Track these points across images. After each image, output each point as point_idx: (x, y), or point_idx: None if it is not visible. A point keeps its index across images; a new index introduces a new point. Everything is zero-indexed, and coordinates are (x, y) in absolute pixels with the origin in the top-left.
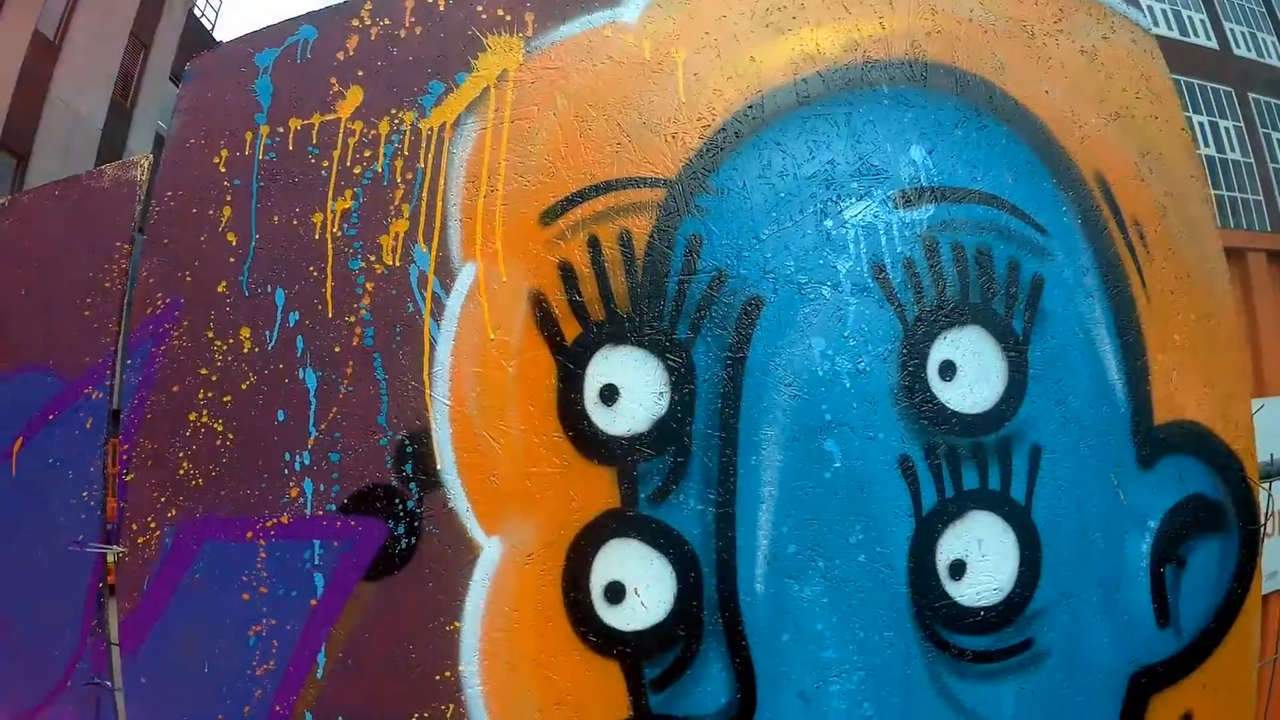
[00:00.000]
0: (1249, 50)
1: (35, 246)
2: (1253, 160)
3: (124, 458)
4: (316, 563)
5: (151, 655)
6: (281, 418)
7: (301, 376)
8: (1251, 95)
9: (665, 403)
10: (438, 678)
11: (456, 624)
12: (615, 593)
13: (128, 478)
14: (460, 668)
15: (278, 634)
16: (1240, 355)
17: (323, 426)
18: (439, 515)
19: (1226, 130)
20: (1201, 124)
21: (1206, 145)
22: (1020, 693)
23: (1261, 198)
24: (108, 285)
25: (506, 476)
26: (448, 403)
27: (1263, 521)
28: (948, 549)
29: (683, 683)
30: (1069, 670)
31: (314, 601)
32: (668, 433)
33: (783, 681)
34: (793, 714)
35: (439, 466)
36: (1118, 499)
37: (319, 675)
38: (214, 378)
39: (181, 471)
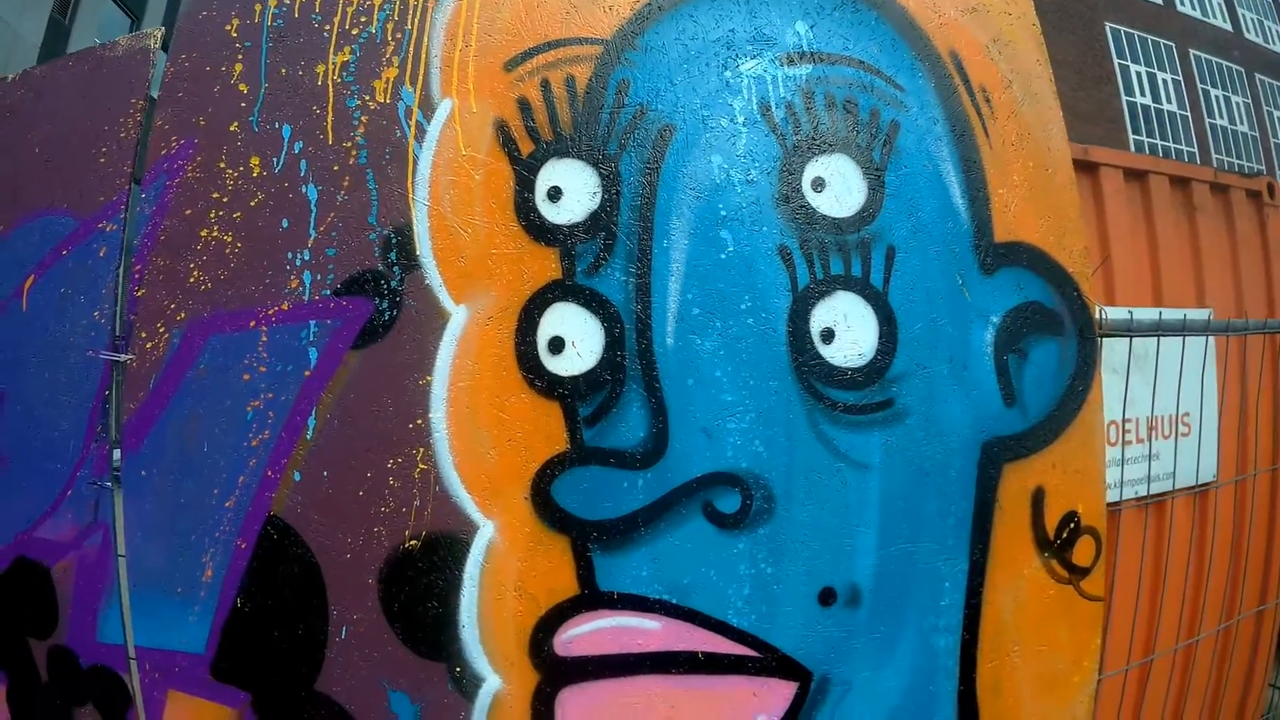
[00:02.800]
0: (1193, 9)
1: (49, 112)
2: (1189, 114)
3: (136, 276)
4: (311, 339)
5: (154, 449)
6: (285, 225)
7: (304, 191)
8: (1192, 51)
9: (598, 200)
10: (410, 426)
11: (428, 378)
12: (557, 345)
13: (139, 293)
14: (430, 415)
15: (273, 406)
16: (1073, 197)
17: (321, 229)
18: (417, 291)
19: (1164, 82)
20: (1139, 73)
21: (1144, 95)
22: (886, 443)
23: (1196, 150)
24: (123, 135)
25: (472, 258)
26: (427, 203)
27: (1099, 332)
28: (819, 319)
29: (610, 419)
30: (927, 430)
31: (307, 373)
32: (599, 222)
33: (690, 419)
34: (699, 447)
35: (418, 252)
36: (963, 296)
37: (309, 437)
38: (225, 199)
39: (192, 280)
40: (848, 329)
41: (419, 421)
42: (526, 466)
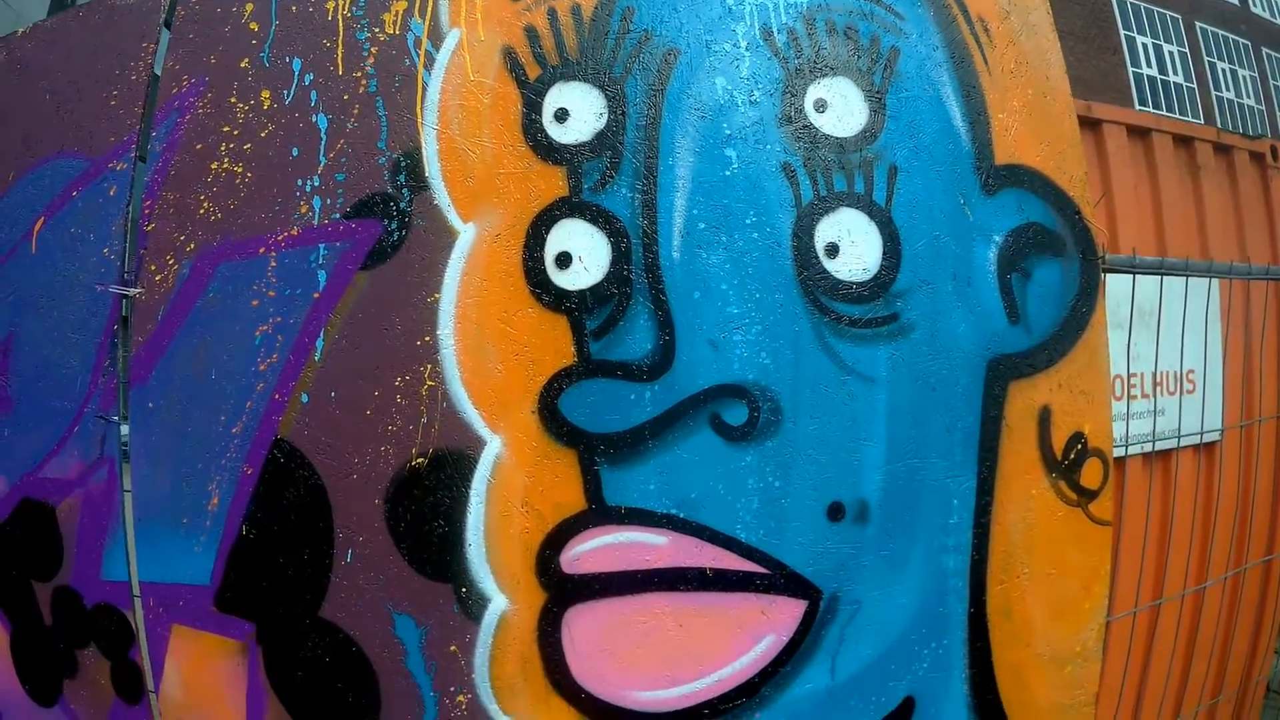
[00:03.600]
0: None
1: (60, 61)
2: (1195, 86)
3: (146, 212)
4: (320, 262)
5: (161, 379)
6: (295, 153)
7: (314, 120)
8: (1199, 24)
9: (604, 121)
10: (418, 343)
11: (436, 295)
12: (564, 260)
13: (149, 228)
14: (438, 332)
15: (282, 329)
16: (1072, 124)
17: (331, 155)
18: (425, 211)
19: (1171, 54)
20: (1146, 45)
21: (1150, 66)
22: (892, 357)
23: (1202, 122)
24: (133, 78)
25: (480, 178)
26: (435, 127)
27: (1102, 266)
28: (823, 234)
29: (617, 332)
30: (932, 345)
31: (316, 294)
32: (605, 142)
33: (697, 332)
34: (706, 359)
35: (427, 174)
36: (965, 215)
37: (316, 359)
38: (235, 132)
39: (201, 211)
40: (852, 244)
41: (427, 338)
42: (533, 380)
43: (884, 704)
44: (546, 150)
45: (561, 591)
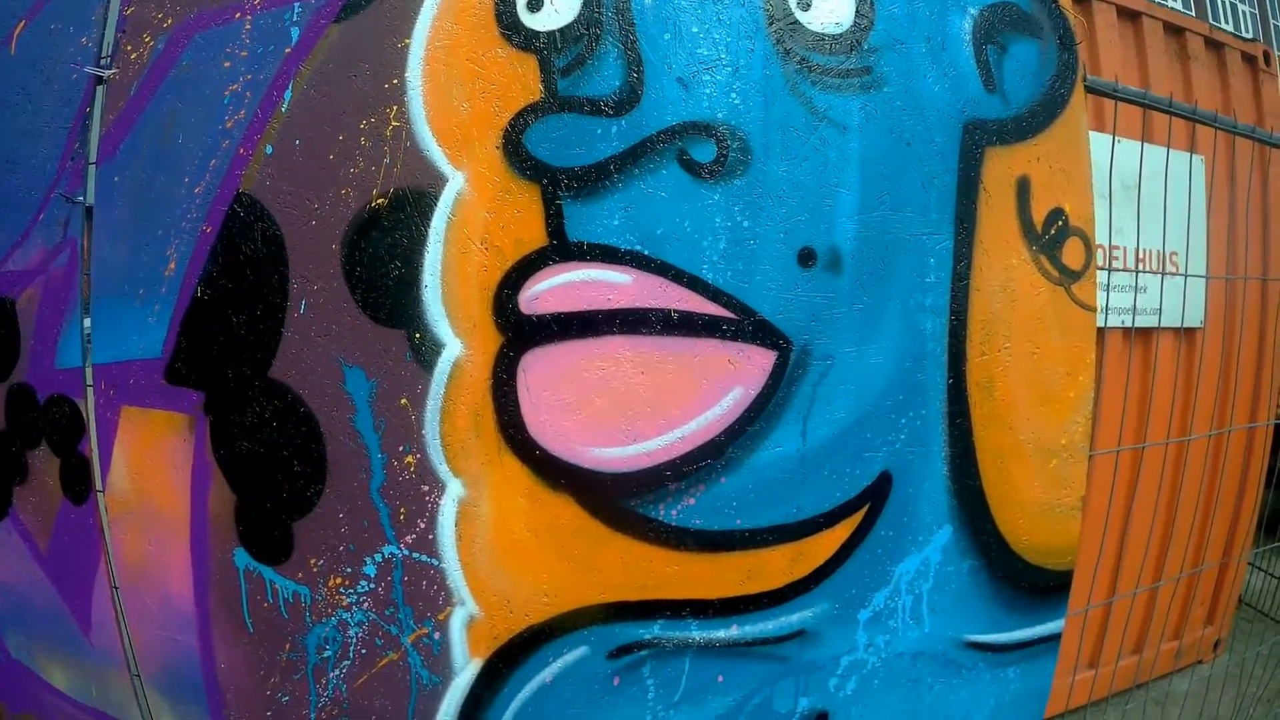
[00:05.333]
0: None
1: None
2: None
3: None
4: (295, 19)
5: (128, 152)
6: None
7: None
8: None
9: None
10: (386, 85)
11: (407, 40)
12: (535, 3)
13: (128, 11)
14: (405, 74)
15: (251, 85)
16: None
17: None
18: None
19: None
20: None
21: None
22: (865, 107)
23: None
24: None
25: None
26: None
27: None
28: None
29: (586, 70)
30: (906, 101)
31: (288, 49)
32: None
33: (666, 70)
34: (675, 96)
35: None
36: None
37: (284, 109)
38: None
39: None
40: None
41: (394, 80)
42: (499, 115)
43: (859, 477)
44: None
45: (519, 334)
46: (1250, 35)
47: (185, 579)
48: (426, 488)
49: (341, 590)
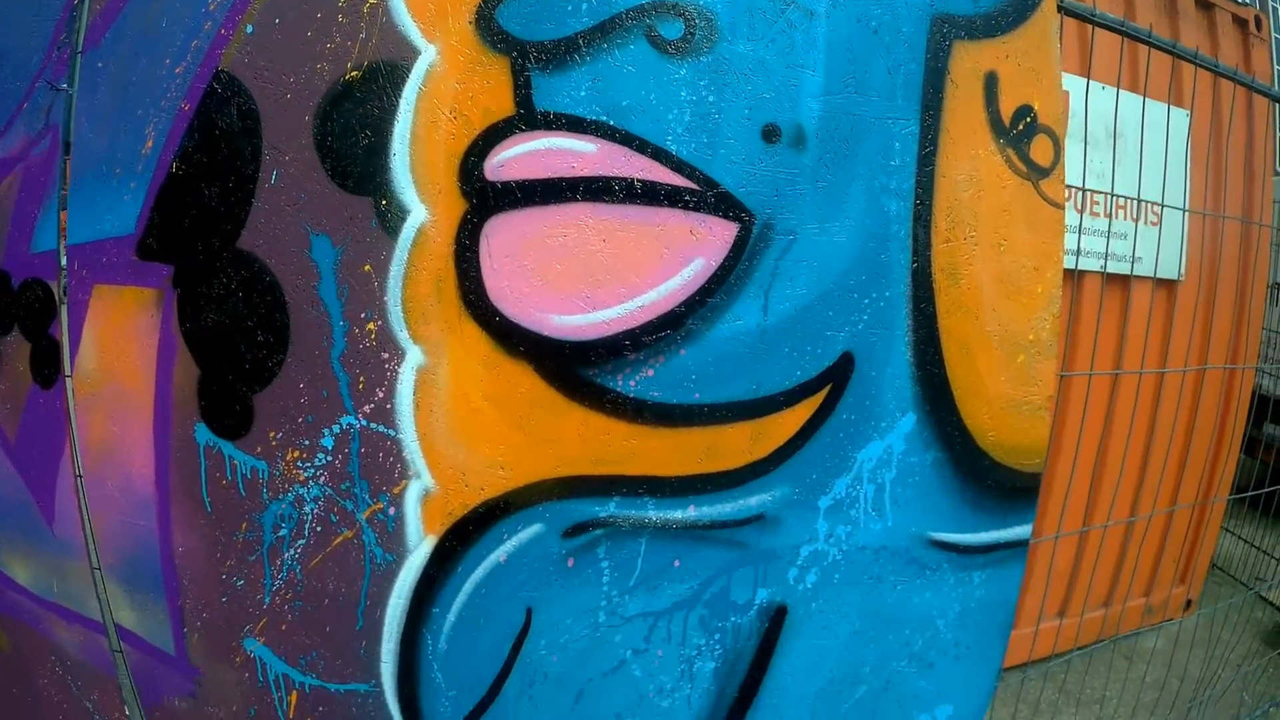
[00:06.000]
0: None
1: None
2: None
3: None
4: None
5: (113, 39)
6: None
7: None
8: None
9: None
10: None
11: None
12: None
13: None
14: None
15: None
16: None
17: None
18: None
19: None
20: None
21: None
22: None
23: None
24: None
25: None
26: None
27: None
28: None
29: None
30: None
31: None
32: None
33: None
34: None
35: None
36: None
37: None
38: None
39: None
40: None
41: None
42: None
43: (820, 356)
44: None
45: (483, 200)
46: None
47: (147, 459)
48: (386, 355)
49: (299, 464)
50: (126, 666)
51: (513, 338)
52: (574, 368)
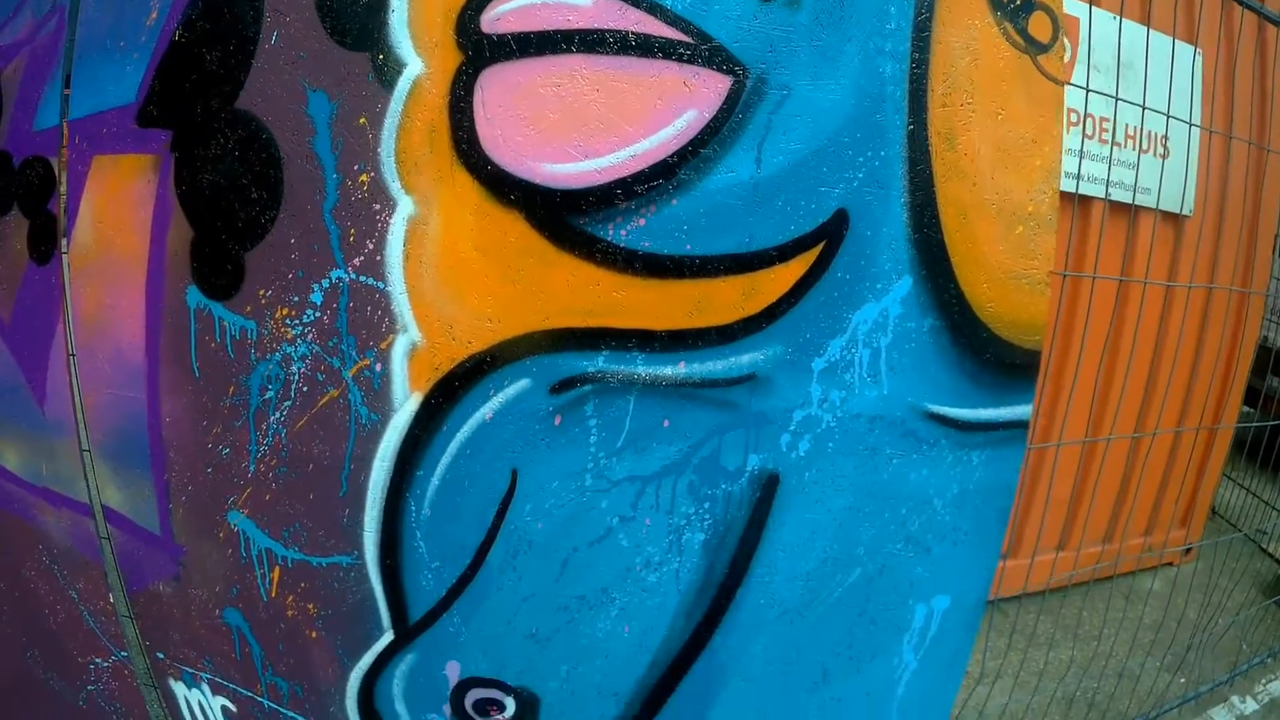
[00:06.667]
0: None
1: None
2: None
3: None
4: None
5: None
6: None
7: None
8: None
9: None
10: None
11: None
12: None
13: None
14: None
15: None
16: None
17: None
18: None
19: None
20: None
21: None
22: None
23: None
24: None
25: None
26: None
27: None
28: None
29: None
30: None
31: None
32: None
33: None
34: None
35: None
36: None
37: None
38: None
39: None
40: None
41: None
42: None
43: (814, 212)
44: None
45: (479, 52)
46: None
47: (138, 327)
48: (378, 206)
49: (287, 322)
50: (113, 551)
51: (504, 186)
52: (565, 216)
